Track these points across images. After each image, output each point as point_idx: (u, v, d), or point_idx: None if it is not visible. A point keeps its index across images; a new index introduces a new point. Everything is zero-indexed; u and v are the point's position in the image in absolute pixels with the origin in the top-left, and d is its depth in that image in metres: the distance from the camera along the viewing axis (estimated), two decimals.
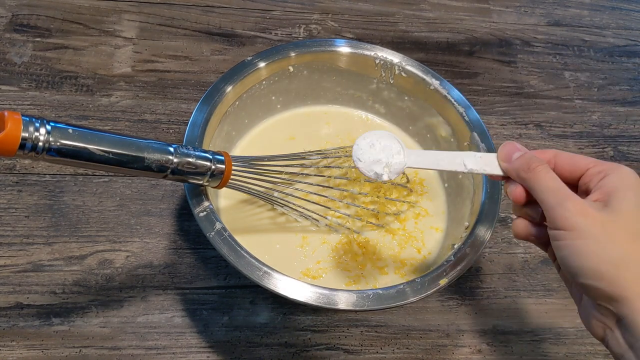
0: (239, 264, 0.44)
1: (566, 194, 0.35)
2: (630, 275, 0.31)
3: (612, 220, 0.33)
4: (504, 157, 0.40)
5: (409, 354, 0.54)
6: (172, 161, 0.42)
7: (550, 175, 0.36)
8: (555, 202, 0.34)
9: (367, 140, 0.43)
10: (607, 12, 0.89)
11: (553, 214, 0.34)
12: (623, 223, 0.33)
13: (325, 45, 0.59)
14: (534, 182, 0.37)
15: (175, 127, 0.65)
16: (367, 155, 0.43)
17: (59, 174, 0.59)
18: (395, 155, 0.43)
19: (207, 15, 0.76)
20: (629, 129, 0.75)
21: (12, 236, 0.55)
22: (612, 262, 0.32)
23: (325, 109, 0.65)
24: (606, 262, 0.32)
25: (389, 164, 0.42)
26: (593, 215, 0.33)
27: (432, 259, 0.55)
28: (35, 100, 0.64)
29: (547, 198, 0.35)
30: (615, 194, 0.34)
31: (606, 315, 0.33)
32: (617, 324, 0.33)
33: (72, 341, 0.50)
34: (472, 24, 0.83)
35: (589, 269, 0.32)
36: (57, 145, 0.35)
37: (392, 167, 0.42)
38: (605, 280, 0.32)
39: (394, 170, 0.42)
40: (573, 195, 0.35)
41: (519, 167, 0.38)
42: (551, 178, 0.36)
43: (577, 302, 0.37)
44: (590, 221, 0.33)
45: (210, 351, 0.51)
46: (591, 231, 0.33)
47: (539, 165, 0.37)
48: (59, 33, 0.70)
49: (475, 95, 0.74)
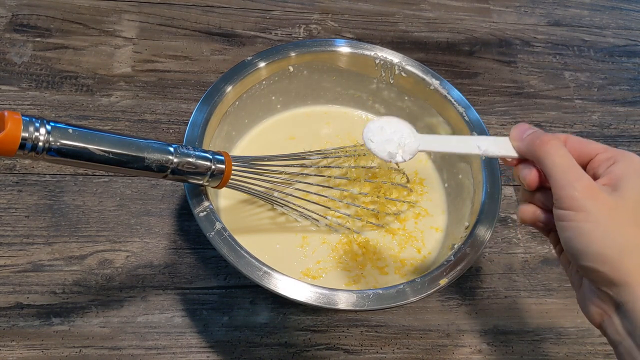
0: (239, 264, 0.44)
1: (577, 173, 0.34)
2: (634, 261, 0.31)
3: (619, 205, 0.33)
4: (516, 136, 0.39)
5: (409, 354, 0.54)
6: (172, 161, 0.42)
7: (562, 151, 0.35)
8: (565, 181, 0.34)
9: (377, 123, 0.42)
10: (607, 12, 0.89)
11: (561, 193, 0.34)
12: (630, 209, 0.33)
13: (325, 45, 0.59)
14: (545, 156, 0.35)
15: (175, 127, 0.65)
16: (378, 137, 0.41)
17: (59, 174, 0.59)
18: (408, 138, 0.41)
19: (207, 15, 0.76)
20: (629, 129, 0.75)
21: (12, 236, 0.55)
22: (617, 247, 0.32)
23: (325, 109, 0.65)
24: (611, 247, 0.32)
25: (402, 145, 0.41)
26: (602, 198, 0.33)
27: (432, 259, 0.55)
28: (35, 100, 0.64)
29: (557, 175, 0.34)
30: (624, 180, 0.34)
31: (605, 301, 0.33)
32: (616, 311, 0.33)
33: (72, 341, 0.50)
34: (472, 24, 0.83)
35: (592, 253, 0.32)
36: (57, 145, 0.35)
37: (405, 147, 0.41)
38: (608, 264, 0.32)
39: (407, 151, 0.41)
40: (584, 175, 0.34)
41: (531, 141, 0.37)
42: (563, 154, 0.35)
43: (575, 288, 0.37)
44: (599, 205, 0.33)
45: (210, 351, 0.51)
46: (598, 215, 0.32)
47: (551, 140, 0.36)
48: (59, 33, 0.70)
49: (475, 95, 0.74)
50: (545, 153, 0.35)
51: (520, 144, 0.38)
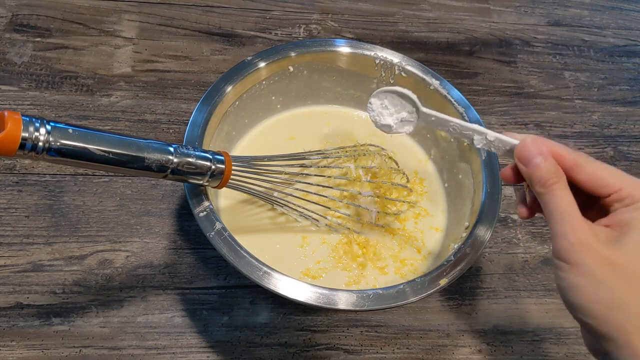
0: (239, 264, 0.44)
1: (574, 223, 0.33)
2: (621, 318, 0.31)
3: (614, 260, 0.32)
4: (524, 160, 0.37)
5: (409, 354, 0.54)
6: (172, 161, 0.42)
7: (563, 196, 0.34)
8: (561, 232, 0.33)
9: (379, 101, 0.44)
10: (607, 12, 0.89)
11: (556, 244, 0.34)
12: (625, 265, 0.32)
13: (325, 45, 0.59)
14: (546, 199, 0.35)
15: (175, 127, 0.65)
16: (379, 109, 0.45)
17: (59, 174, 0.59)
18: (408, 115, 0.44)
19: (207, 15, 0.76)
20: (629, 129, 0.75)
21: (12, 236, 0.55)
22: (606, 303, 0.32)
23: (325, 109, 0.65)
24: (600, 303, 0.32)
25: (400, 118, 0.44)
26: (595, 251, 0.32)
27: (432, 259, 0.55)
28: (35, 100, 0.64)
29: (553, 222, 0.34)
30: (630, 232, 0.33)
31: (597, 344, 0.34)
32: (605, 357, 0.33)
33: (72, 341, 0.50)
34: (472, 24, 0.83)
35: (582, 307, 0.33)
36: (57, 145, 0.35)
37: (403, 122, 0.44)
38: (596, 319, 0.32)
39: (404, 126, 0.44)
40: (579, 225, 0.33)
41: (535, 179, 0.36)
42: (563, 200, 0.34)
43: None
44: (590, 259, 0.32)
45: (210, 351, 0.51)
46: (589, 269, 0.32)
47: (555, 183, 0.35)
48: (59, 33, 0.70)
49: (475, 95, 0.74)
50: (548, 198, 0.35)
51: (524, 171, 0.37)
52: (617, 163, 0.72)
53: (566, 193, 0.35)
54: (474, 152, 0.54)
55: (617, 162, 0.72)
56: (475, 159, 0.54)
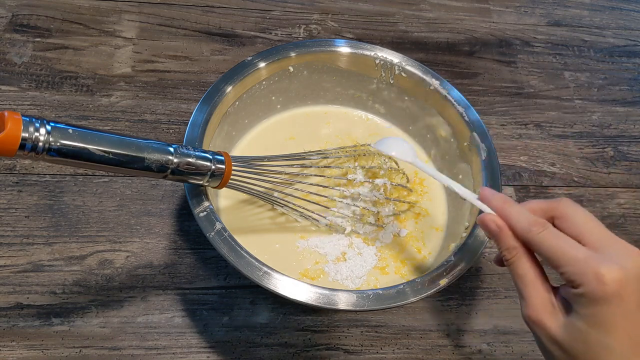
0: (239, 264, 0.44)
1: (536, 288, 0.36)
2: None
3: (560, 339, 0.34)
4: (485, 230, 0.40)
5: (409, 354, 0.54)
6: (172, 161, 0.42)
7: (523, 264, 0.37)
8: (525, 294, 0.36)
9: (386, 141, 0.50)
10: (607, 12, 0.89)
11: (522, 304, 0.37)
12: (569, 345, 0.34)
13: (325, 45, 0.59)
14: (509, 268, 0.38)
15: (175, 127, 0.65)
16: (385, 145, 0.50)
17: (59, 174, 0.59)
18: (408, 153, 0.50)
19: (207, 15, 0.76)
20: (629, 129, 0.75)
21: (12, 236, 0.55)
22: None
23: (325, 109, 0.65)
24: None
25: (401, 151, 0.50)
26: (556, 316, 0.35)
27: (432, 259, 0.55)
28: (35, 101, 0.64)
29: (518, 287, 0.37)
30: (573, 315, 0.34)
31: None
32: None
33: (72, 341, 0.50)
34: (472, 24, 0.83)
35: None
36: (57, 146, 0.35)
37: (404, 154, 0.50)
38: None
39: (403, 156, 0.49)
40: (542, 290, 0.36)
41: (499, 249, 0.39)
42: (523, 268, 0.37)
43: None
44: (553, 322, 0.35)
45: (210, 351, 0.51)
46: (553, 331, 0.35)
47: (515, 255, 0.37)
48: (59, 33, 0.70)
49: (475, 95, 0.74)
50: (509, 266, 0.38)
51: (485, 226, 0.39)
52: (617, 163, 0.72)
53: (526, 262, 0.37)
54: (474, 152, 0.54)
55: (617, 162, 0.72)
56: (476, 159, 0.54)
